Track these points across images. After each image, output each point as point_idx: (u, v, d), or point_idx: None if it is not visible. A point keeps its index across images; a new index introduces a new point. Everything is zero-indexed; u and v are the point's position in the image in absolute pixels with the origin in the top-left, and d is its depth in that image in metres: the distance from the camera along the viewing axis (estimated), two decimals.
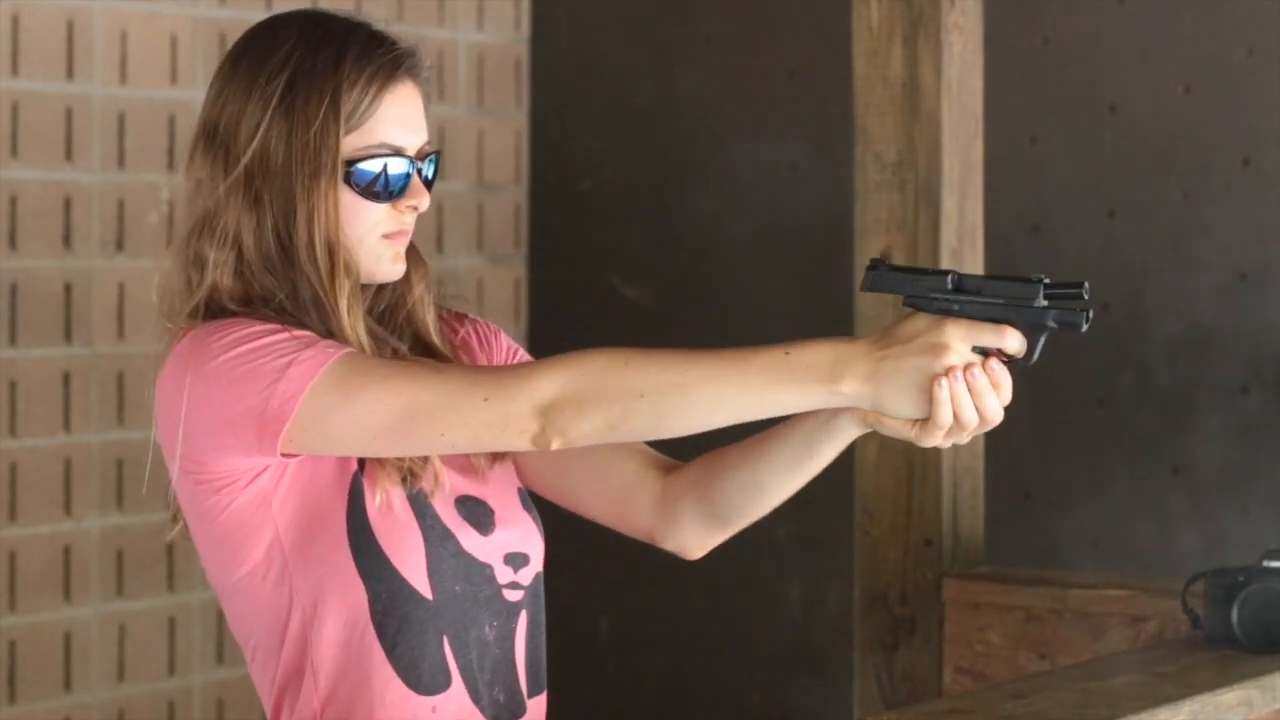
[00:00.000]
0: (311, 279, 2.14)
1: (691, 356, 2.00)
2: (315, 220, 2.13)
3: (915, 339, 1.97)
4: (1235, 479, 4.49)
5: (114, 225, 4.81)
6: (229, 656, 5.00)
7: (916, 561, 3.63)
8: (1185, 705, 2.67)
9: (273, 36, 2.18)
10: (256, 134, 2.13)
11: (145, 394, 4.90)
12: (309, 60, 2.15)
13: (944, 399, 1.97)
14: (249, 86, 2.15)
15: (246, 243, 2.15)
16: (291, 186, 2.13)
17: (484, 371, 2.08)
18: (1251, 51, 4.49)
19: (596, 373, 1.99)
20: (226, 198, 2.15)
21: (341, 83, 2.14)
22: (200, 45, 4.95)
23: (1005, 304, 1.97)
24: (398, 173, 2.16)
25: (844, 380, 1.98)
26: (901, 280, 2.01)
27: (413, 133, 2.19)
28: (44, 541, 4.69)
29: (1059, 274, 4.79)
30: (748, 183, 5.24)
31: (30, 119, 4.67)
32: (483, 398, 2.01)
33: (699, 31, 5.29)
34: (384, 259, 2.18)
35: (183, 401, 2.10)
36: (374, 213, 2.16)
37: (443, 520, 2.16)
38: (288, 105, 2.13)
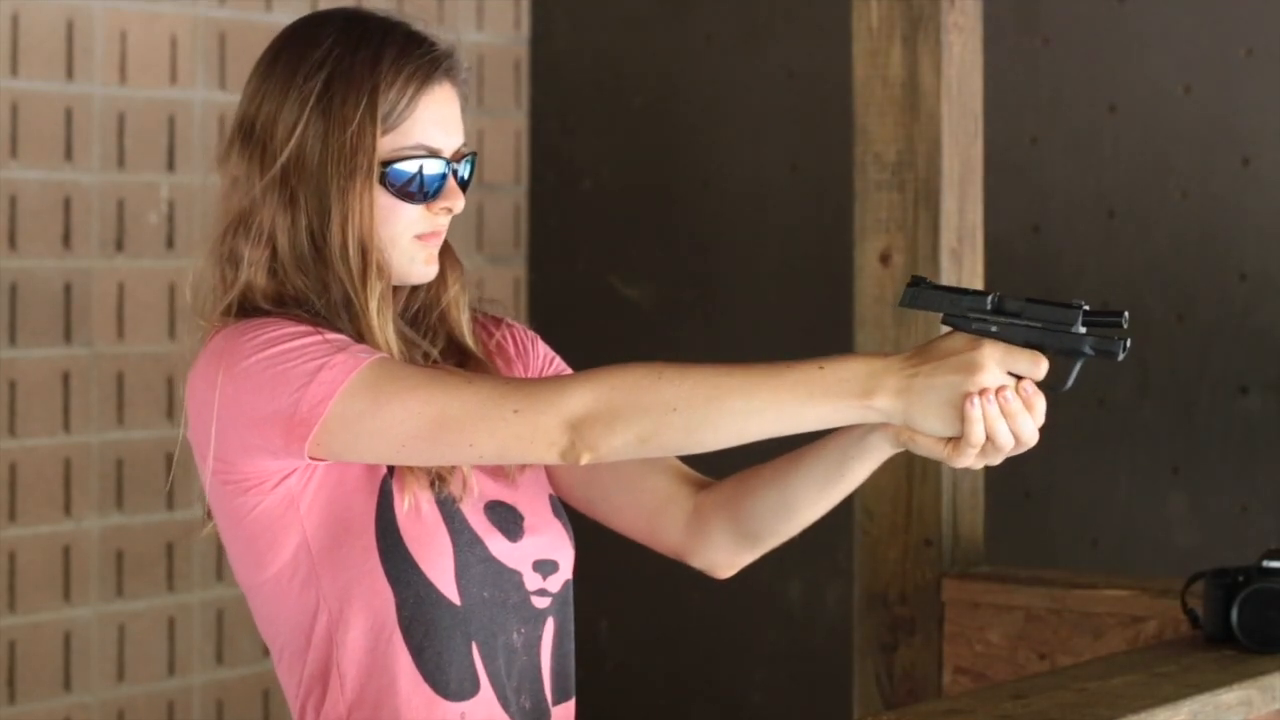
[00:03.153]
0: (344, 279, 2.13)
1: (724, 371, 1.99)
2: (350, 221, 2.12)
3: (950, 357, 1.97)
4: (1235, 479, 4.49)
5: (114, 225, 4.81)
6: (229, 656, 5.00)
7: (916, 561, 3.63)
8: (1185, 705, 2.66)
9: (311, 34, 2.19)
10: (294, 133, 2.13)
11: (145, 394, 4.91)
12: (347, 60, 2.14)
13: (976, 417, 1.97)
14: (286, 85, 2.16)
15: (281, 242, 2.14)
16: (327, 187, 2.12)
17: (515, 383, 2.06)
18: (1251, 51, 4.49)
19: (628, 387, 1.98)
20: (262, 196, 2.15)
21: (379, 83, 2.13)
22: (200, 45, 4.95)
23: (1043, 328, 1.97)
24: (433, 174, 2.16)
25: (877, 395, 1.97)
26: (941, 298, 2.01)
27: (449, 134, 2.18)
28: (44, 541, 4.69)
29: (1058, 274, 4.80)
30: (748, 182, 5.24)
31: (30, 119, 4.67)
32: (513, 409, 2.00)
33: (699, 31, 5.29)
34: (417, 260, 2.18)
35: (214, 400, 2.08)
36: (408, 214, 2.16)
37: (471, 526, 2.15)
38: (325, 105, 2.13)
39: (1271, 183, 4.46)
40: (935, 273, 3.61)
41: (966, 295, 1.99)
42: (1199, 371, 4.55)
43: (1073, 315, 1.97)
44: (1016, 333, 1.97)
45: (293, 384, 2.05)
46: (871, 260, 3.66)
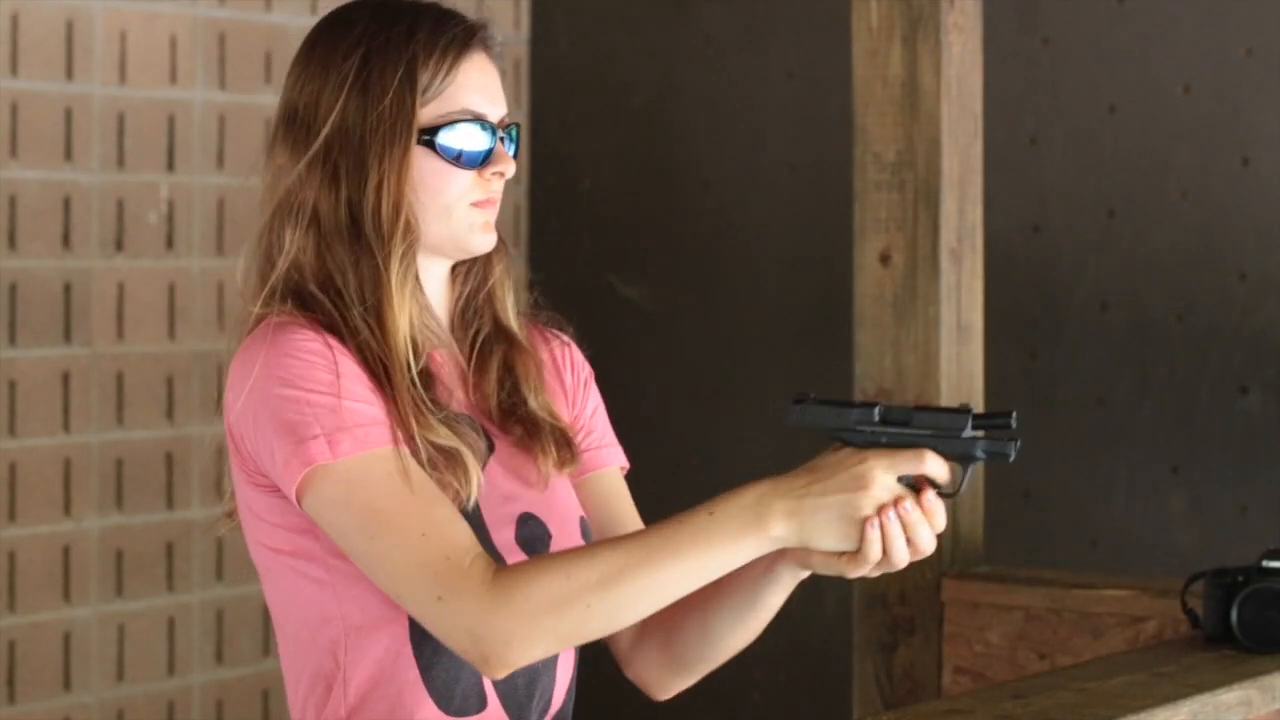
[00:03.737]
0: (373, 246, 2.13)
1: (628, 546, 2.00)
2: (385, 185, 2.13)
3: (839, 473, 1.98)
4: (1235, 479, 4.49)
5: (113, 225, 4.81)
6: (229, 656, 5.00)
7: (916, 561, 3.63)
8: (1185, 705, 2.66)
9: (344, 21, 2.20)
10: (334, 111, 2.14)
11: (145, 394, 4.91)
12: (381, 36, 2.16)
13: (874, 538, 1.98)
14: (325, 68, 2.17)
15: (324, 218, 2.15)
16: (366, 157, 2.14)
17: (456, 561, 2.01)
18: (1251, 51, 4.49)
19: (540, 598, 1.98)
20: (306, 174, 2.15)
21: (417, 53, 2.15)
22: (200, 45, 4.95)
23: (933, 435, 1.97)
24: (481, 138, 2.17)
25: (770, 523, 1.98)
26: (828, 414, 2.02)
27: (493, 102, 2.20)
28: (43, 541, 4.69)
29: (1058, 274, 4.81)
30: (747, 183, 5.24)
31: (30, 119, 4.67)
32: (437, 596, 2.01)
33: (699, 31, 5.29)
34: (475, 226, 2.18)
35: (239, 402, 2.10)
36: (461, 180, 2.17)
37: (495, 544, 2.14)
38: (364, 80, 2.14)
39: (1271, 183, 4.46)
40: (935, 272, 3.62)
41: (853, 409, 2.00)
42: (1199, 371, 4.55)
43: (961, 420, 1.97)
44: (906, 442, 1.98)
45: (288, 442, 2.06)
46: (871, 260, 3.66)
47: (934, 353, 3.62)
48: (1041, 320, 4.76)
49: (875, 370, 3.65)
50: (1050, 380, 4.75)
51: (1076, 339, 4.72)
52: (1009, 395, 4.66)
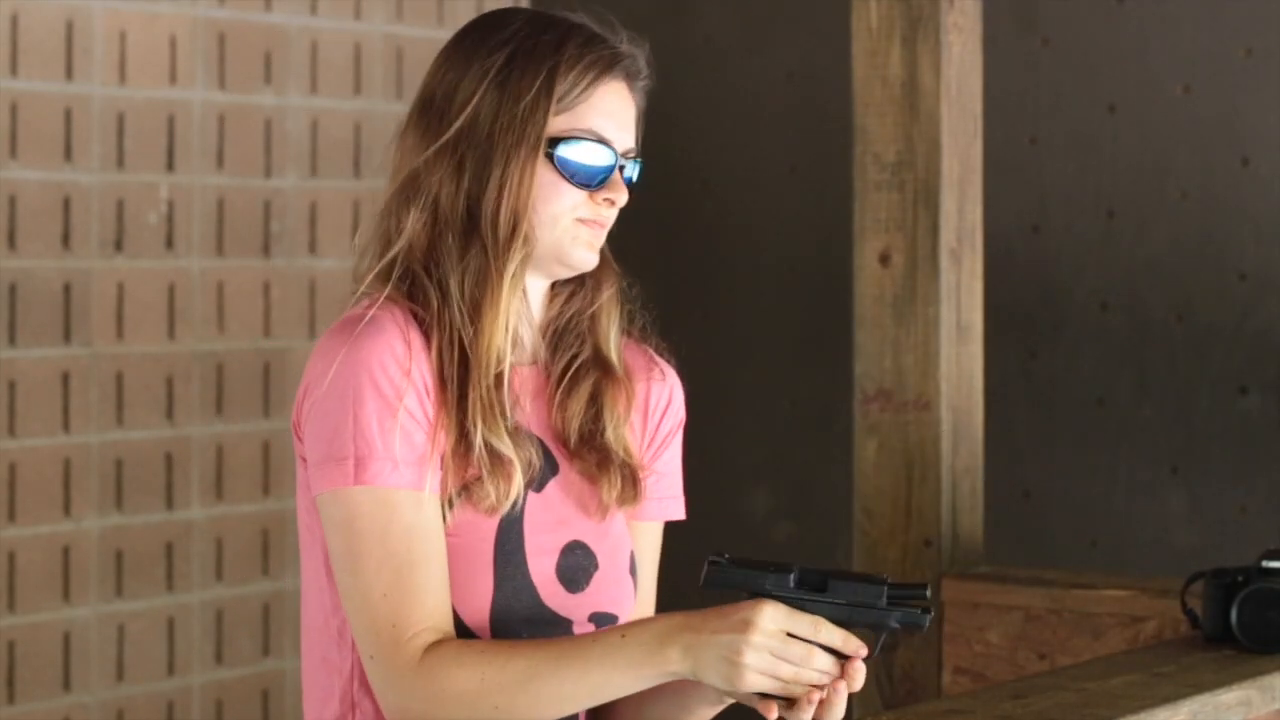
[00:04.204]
0: (486, 245, 2.15)
1: (540, 654, 2.04)
2: (506, 187, 2.15)
3: (731, 615, 2.01)
4: (1235, 479, 4.49)
5: (113, 225, 4.81)
6: (228, 656, 5.00)
7: (916, 562, 3.63)
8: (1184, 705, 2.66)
9: (499, 20, 2.22)
10: (470, 102, 2.16)
11: (144, 394, 4.91)
12: (531, 40, 2.18)
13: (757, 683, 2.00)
14: (470, 59, 2.19)
15: (442, 204, 2.16)
16: (493, 154, 2.15)
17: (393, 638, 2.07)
18: (1250, 51, 4.49)
19: (452, 696, 2.04)
20: (432, 160, 2.17)
21: (560, 64, 2.17)
22: (200, 45, 4.95)
23: (849, 605, 2.02)
24: (600, 161, 2.19)
25: (669, 656, 2.03)
26: (744, 576, 2.04)
27: (621, 130, 2.22)
28: (43, 541, 4.69)
29: (1058, 274, 4.81)
30: (748, 182, 5.24)
31: (30, 119, 4.67)
32: (370, 655, 2.08)
33: (699, 31, 5.29)
34: (579, 240, 2.20)
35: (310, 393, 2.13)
36: (571, 195, 2.18)
37: (530, 574, 2.16)
38: (504, 77, 2.16)
39: (1271, 183, 4.46)
40: (935, 272, 3.61)
41: (769, 573, 2.03)
42: (1198, 371, 4.55)
43: (877, 591, 2.02)
44: (823, 610, 2.02)
45: (321, 446, 2.09)
46: (871, 260, 3.66)
47: (934, 353, 3.62)
48: (1041, 320, 4.76)
49: (875, 370, 3.65)
50: (1050, 380, 4.75)
51: (1076, 339, 4.72)
52: (1009, 395, 4.66)
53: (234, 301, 5.02)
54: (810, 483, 5.10)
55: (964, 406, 3.66)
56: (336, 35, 5.22)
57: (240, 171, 5.04)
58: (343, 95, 5.23)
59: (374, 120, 5.30)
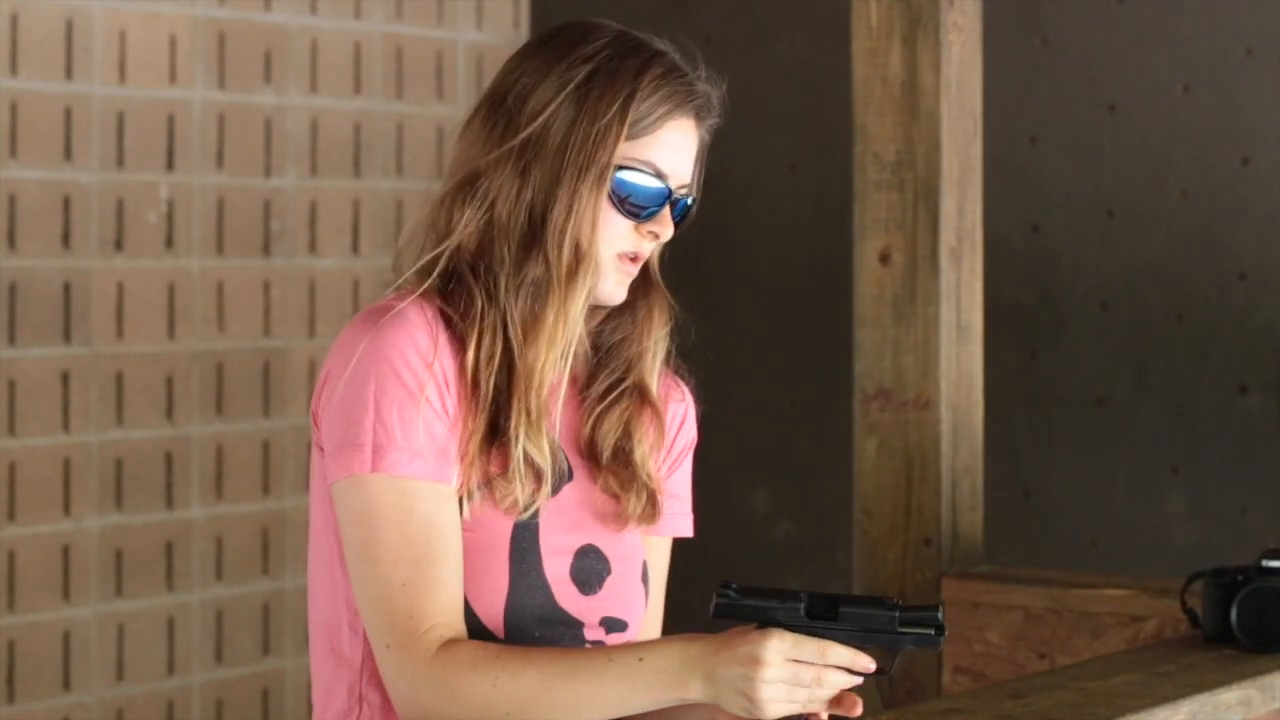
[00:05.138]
0: (551, 264, 2.13)
1: (554, 667, 2.05)
2: (573, 212, 2.14)
3: (738, 648, 2.03)
4: (1235, 479, 4.49)
5: (113, 225, 4.81)
6: (228, 656, 5.00)
7: (915, 561, 3.63)
8: (1184, 705, 2.66)
9: (585, 32, 2.21)
10: (544, 111, 2.15)
11: (144, 394, 4.91)
12: (615, 61, 2.17)
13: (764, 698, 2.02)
14: (549, 66, 2.17)
15: (500, 209, 2.15)
16: (561, 172, 2.14)
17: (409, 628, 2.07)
18: (1251, 51, 4.49)
19: (465, 697, 2.04)
20: (495, 162, 2.15)
21: (637, 90, 2.16)
22: (200, 45, 4.95)
23: (862, 631, 2.03)
24: (653, 194, 2.19)
25: (690, 684, 2.04)
26: (754, 608, 2.06)
27: (681, 165, 2.21)
28: (43, 541, 4.69)
29: (1058, 274, 4.80)
30: (748, 182, 5.24)
31: (29, 119, 4.67)
32: (385, 644, 2.07)
33: (699, 31, 5.29)
34: (610, 278, 2.19)
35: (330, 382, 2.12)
36: (616, 226, 2.17)
37: (544, 573, 2.16)
38: (582, 94, 2.15)
39: (1271, 183, 4.46)
40: (935, 272, 3.62)
41: (779, 604, 2.04)
42: (1198, 371, 4.55)
43: (889, 618, 2.03)
44: (836, 638, 2.03)
45: (342, 433, 2.09)
46: (871, 260, 3.66)
47: (934, 352, 3.62)
48: (1041, 320, 4.76)
49: (875, 370, 3.65)
50: (1050, 380, 4.75)
51: (1076, 339, 4.72)
52: (1009, 395, 4.66)
53: (234, 301, 5.02)
54: (810, 482, 5.10)
55: (964, 406, 3.66)
56: (336, 35, 5.22)
57: (240, 171, 5.04)
58: (343, 95, 5.23)
59: (374, 120, 5.30)
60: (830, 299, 4.98)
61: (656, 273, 2.28)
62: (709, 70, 2.26)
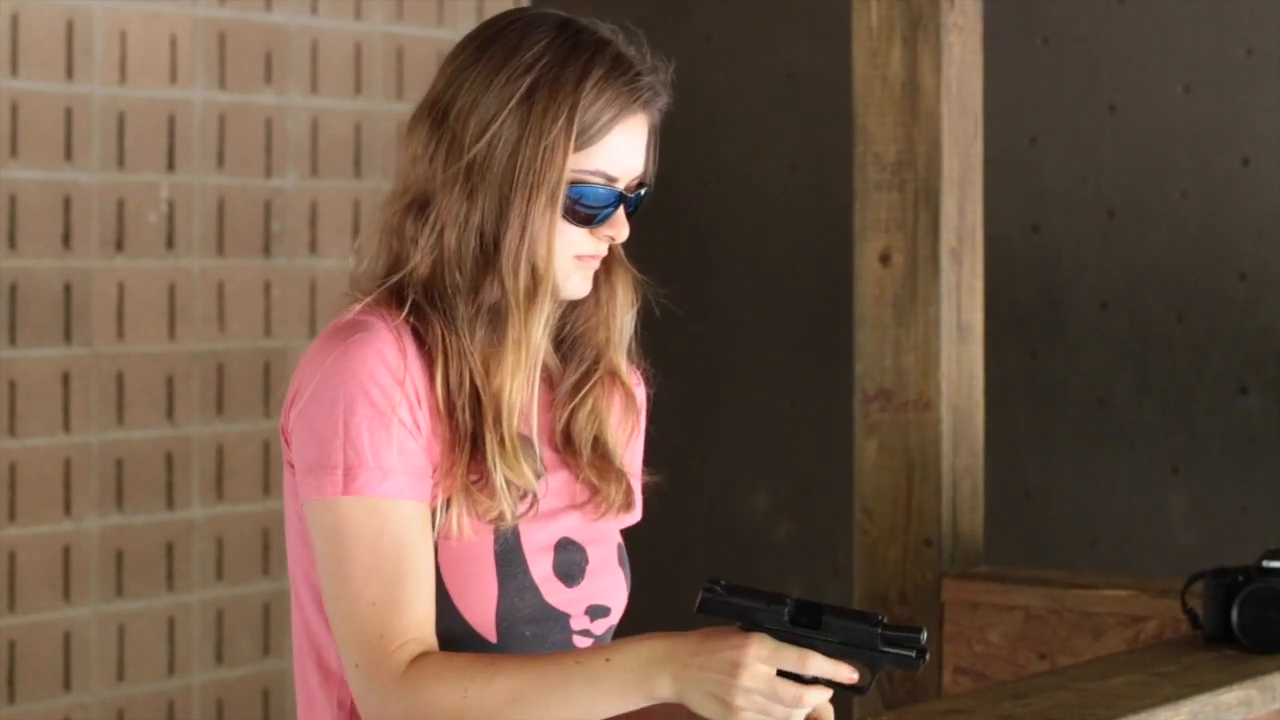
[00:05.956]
0: (508, 289, 2.10)
1: (524, 674, 2.03)
2: (526, 235, 2.10)
3: (719, 652, 2.01)
4: (1235, 479, 4.49)
5: (113, 225, 4.81)
6: (229, 656, 5.00)
7: (916, 561, 3.63)
8: (1185, 705, 2.67)
9: (523, 34, 2.14)
10: (487, 130, 2.10)
11: (145, 394, 4.90)
12: (554, 69, 2.11)
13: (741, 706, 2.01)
14: (489, 79, 2.12)
15: (449, 235, 2.11)
16: (510, 194, 2.10)
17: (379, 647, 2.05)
18: (1251, 51, 4.49)
19: (436, 708, 2.02)
20: (443, 184, 2.11)
21: (580, 101, 2.11)
22: (200, 45, 4.95)
23: (842, 643, 2.02)
24: (604, 202, 2.15)
25: (656, 683, 2.02)
26: (739, 607, 2.04)
27: (631, 162, 2.17)
28: (44, 541, 4.69)
29: (1058, 274, 4.80)
30: (748, 183, 5.24)
31: (30, 119, 4.67)
32: (355, 663, 2.05)
33: (699, 31, 5.29)
34: (572, 278, 2.16)
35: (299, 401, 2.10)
36: (572, 234, 2.14)
37: (530, 572, 2.15)
38: (524, 110, 2.10)
39: (1271, 183, 4.46)
40: (935, 272, 3.61)
41: (763, 605, 2.02)
42: (1199, 371, 4.55)
43: (872, 635, 2.01)
44: (815, 647, 2.01)
45: (313, 455, 2.06)
46: (871, 260, 3.66)
47: (934, 353, 3.62)
48: (1041, 320, 4.76)
49: (875, 370, 3.65)
50: (1050, 380, 4.75)
51: (1076, 339, 4.72)
52: (1009, 395, 4.66)
53: (234, 301, 5.02)
54: (810, 482, 5.09)
55: (964, 406, 3.66)
56: (337, 35, 5.22)
57: (241, 171, 5.04)
58: (343, 95, 5.23)
59: (374, 120, 5.30)
60: (831, 299, 4.98)
61: (620, 251, 2.23)
62: (654, 52, 2.20)
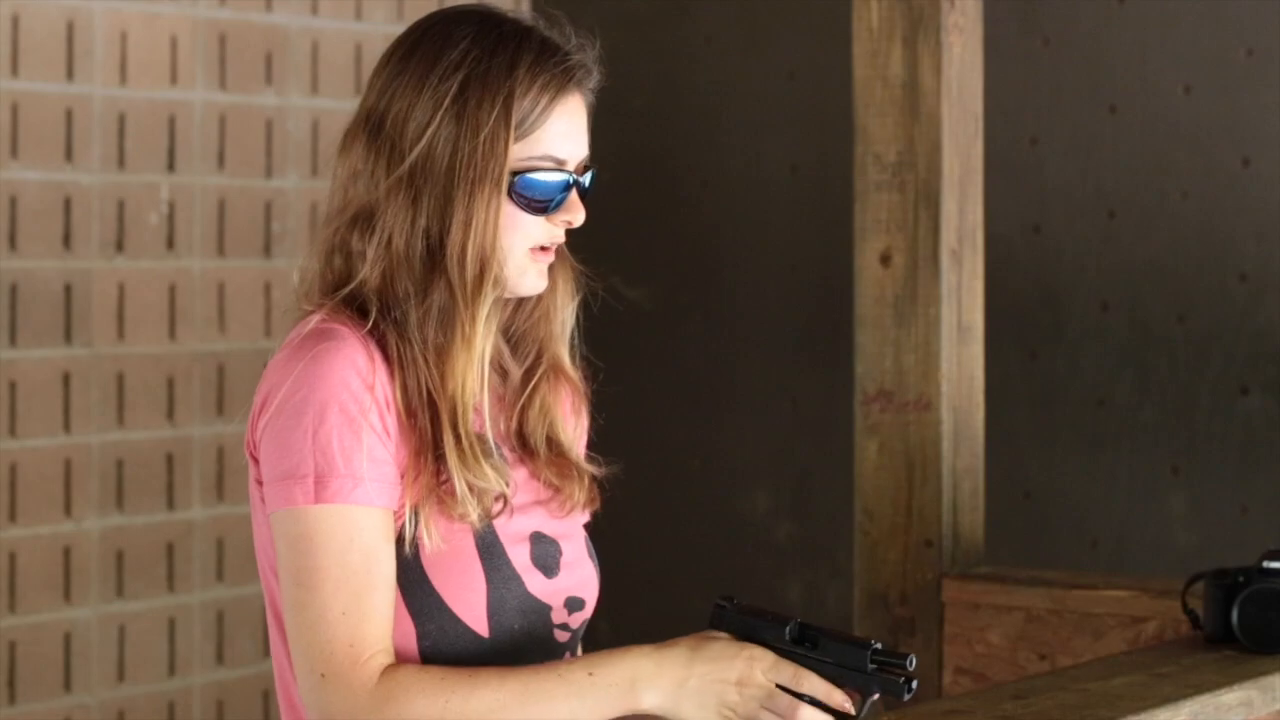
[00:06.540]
0: (454, 285, 2.10)
1: (504, 686, 2.02)
2: (472, 227, 2.09)
3: (719, 663, 2.04)
4: (1235, 479, 4.49)
5: (114, 226, 4.81)
6: (229, 657, 5.01)
7: (916, 562, 3.63)
8: (1185, 706, 2.67)
9: (446, 33, 2.14)
10: (424, 134, 2.10)
11: (145, 394, 4.90)
12: (484, 63, 2.11)
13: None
14: (420, 83, 2.12)
15: (396, 242, 2.10)
16: (452, 191, 2.09)
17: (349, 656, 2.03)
18: (1251, 51, 4.49)
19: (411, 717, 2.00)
20: (386, 194, 2.11)
21: (515, 89, 2.10)
22: (200, 46, 4.95)
23: (835, 664, 2.07)
24: (557, 186, 2.14)
25: (643, 698, 2.04)
26: (745, 624, 2.09)
27: (576, 144, 2.16)
28: (44, 542, 4.69)
29: (1059, 274, 4.79)
30: (748, 183, 5.24)
31: (30, 119, 4.67)
32: (321, 674, 2.02)
33: (699, 32, 5.29)
34: (529, 273, 2.15)
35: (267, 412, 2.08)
36: (527, 225, 2.13)
37: (512, 563, 2.14)
38: (459, 108, 2.10)
39: (1271, 183, 4.46)
40: (936, 273, 3.62)
41: (767, 624, 2.08)
42: (1199, 371, 4.55)
43: (861, 655, 2.06)
44: (810, 667, 2.07)
45: (281, 464, 2.05)
46: (871, 260, 3.66)
47: (934, 353, 3.62)
48: (1041, 320, 4.76)
49: (876, 371, 3.65)
50: (1050, 380, 4.75)
51: (1076, 339, 4.72)
52: (1009, 395, 4.66)
53: (235, 302, 5.02)
54: (811, 483, 5.10)
55: (964, 407, 3.66)
56: (337, 35, 5.22)
57: (241, 172, 5.04)
58: (344, 96, 5.23)
59: None
60: (831, 300, 4.98)
61: (562, 244, 2.21)
62: (577, 30, 2.21)
